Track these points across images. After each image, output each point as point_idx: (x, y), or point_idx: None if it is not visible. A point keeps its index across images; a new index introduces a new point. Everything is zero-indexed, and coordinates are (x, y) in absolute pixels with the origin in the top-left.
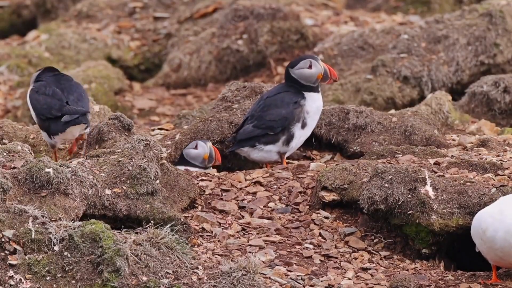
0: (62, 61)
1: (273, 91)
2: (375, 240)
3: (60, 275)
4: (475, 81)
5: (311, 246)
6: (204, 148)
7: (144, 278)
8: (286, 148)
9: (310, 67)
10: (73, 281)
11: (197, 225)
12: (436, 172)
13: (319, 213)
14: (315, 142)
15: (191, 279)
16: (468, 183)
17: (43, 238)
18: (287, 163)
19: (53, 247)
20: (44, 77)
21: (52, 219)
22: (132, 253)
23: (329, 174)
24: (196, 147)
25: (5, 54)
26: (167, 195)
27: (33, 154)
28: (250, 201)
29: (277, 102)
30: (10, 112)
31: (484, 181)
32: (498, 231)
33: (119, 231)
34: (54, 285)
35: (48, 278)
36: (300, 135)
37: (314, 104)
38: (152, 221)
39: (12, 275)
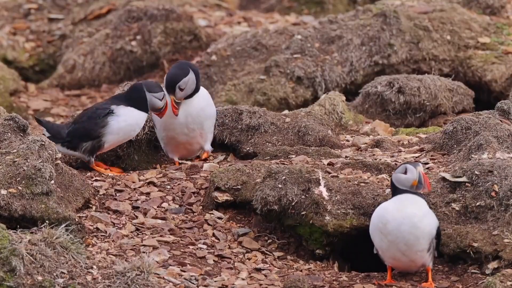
0: None
1: None
2: (268, 241)
3: None
4: (369, 82)
5: (204, 246)
6: None
7: (40, 278)
8: None
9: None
10: None
11: (92, 225)
12: (330, 173)
13: (212, 213)
14: None
15: (86, 279)
16: (362, 184)
17: None
18: (180, 163)
19: None
20: None
21: None
22: (27, 252)
23: (222, 175)
24: None
25: None
26: (61, 195)
27: None
28: (143, 201)
29: None
30: None
31: (378, 181)
32: (402, 225)
33: (14, 231)
34: None
35: None
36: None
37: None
38: (47, 221)
39: None
